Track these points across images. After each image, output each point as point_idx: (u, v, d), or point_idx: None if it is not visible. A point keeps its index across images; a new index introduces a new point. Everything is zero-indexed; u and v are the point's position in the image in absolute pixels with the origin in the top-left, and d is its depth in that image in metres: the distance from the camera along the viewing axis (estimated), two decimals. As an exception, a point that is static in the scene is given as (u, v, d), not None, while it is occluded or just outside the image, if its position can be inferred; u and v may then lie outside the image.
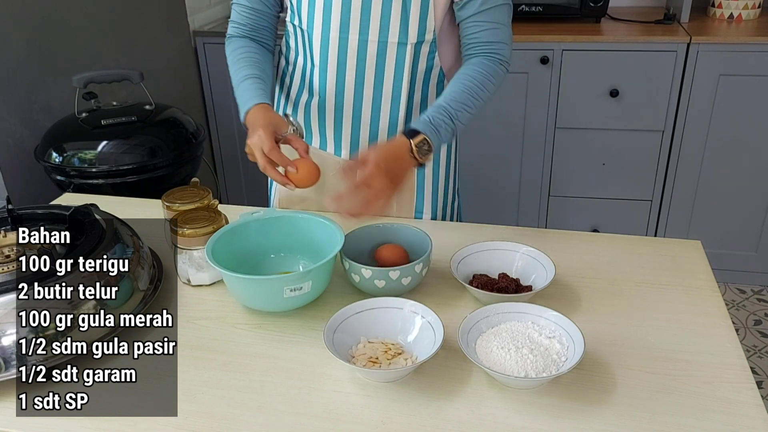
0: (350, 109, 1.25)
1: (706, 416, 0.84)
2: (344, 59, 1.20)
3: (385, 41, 1.18)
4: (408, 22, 1.17)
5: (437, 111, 1.15)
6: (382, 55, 1.20)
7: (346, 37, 1.18)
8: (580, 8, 2.45)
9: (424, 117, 1.14)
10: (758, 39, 2.22)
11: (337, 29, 1.18)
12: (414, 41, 1.19)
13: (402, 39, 1.18)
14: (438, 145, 1.13)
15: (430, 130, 1.12)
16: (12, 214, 1.14)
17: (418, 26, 1.18)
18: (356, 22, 1.17)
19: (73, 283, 0.96)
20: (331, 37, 1.19)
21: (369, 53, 1.19)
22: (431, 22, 1.19)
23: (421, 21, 1.17)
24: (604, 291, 1.09)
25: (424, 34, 1.19)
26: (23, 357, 0.91)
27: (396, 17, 1.16)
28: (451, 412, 0.86)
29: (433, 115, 1.14)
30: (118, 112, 1.91)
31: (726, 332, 0.99)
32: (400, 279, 1.04)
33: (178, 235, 1.10)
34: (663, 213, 2.54)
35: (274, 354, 0.98)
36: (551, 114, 2.45)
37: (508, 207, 2.65)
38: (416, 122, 1.13)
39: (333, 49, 1.20)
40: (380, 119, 1.27)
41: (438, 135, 1.12)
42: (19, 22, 1.86)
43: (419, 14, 1.17)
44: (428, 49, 1.22)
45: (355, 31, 1.18)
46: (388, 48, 1.19)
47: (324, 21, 1.19)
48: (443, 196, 1.39)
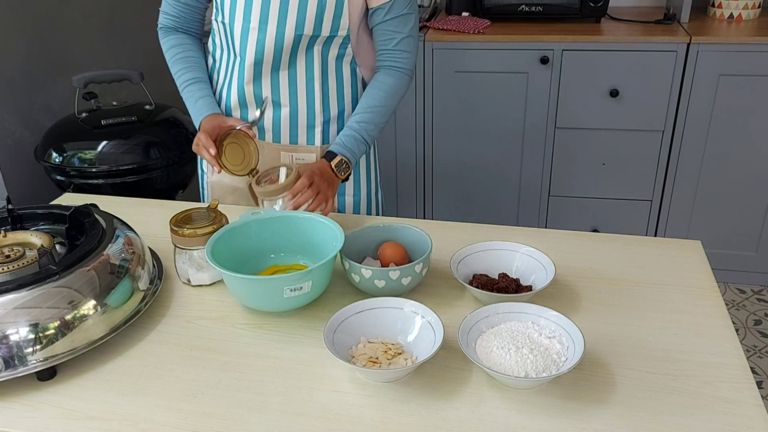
0: (268, 93, 1.35)
1: (706, 416, 0.84)
2: (261, 49, 1.29)
3: (300, 35, 1.28)
4: (323, 19, 1.27)
5: (349, 135, 1.34)
6: (296, 44, 1.30)
7: (264, 29, 1.27)
8: (580, 8, 2.46)
9: (339, 140, 1.34)
10: (758, 39, 2.22)
11: (257, 22, 1.27)
12: (327, 35, 1.30)
13: (316, 32, 1.29)
14: (355, 161, 1.34)
15: (346, 151, 1.32)
16: (12, 214, 1.14)
17: (332, 23, 1.28)
18: (274, 17, 1.26)
19: (73, 283, 0.96)
20: (251, 28, 1.28)
21: (285, 44, 1.29)
22: (345, 20, 1.29)
23: (335, 18, 1.28)
24: (604, 291, 1.09)
25: (338, 30, 1.30)
26: (23, 357, 0.91)
27: (311, 14, 1.26)
28: (451, 412, 0.86)
29: (345, 139, 1.34)
30: (118, 112, 1.91)
31: (726, 332, 0.99)
32: (400, 279, 1.04)
33: (178, 235, 1.10)
34: (663, 213, 2.54)
35: (274, 354, 0.98)
36: (551, 114, 2.45)
37: (508, 207, 2.65)
38: (333, 146, 1.33)
39: (252, 40, 1.29)
40: (298, 104, 1.37)
41: (353, 153, 1.34)
42: (19, 22, 1.86)
43: (333, 12, 1.27)
44: (341, 41, 1.33)
45: (273, 24, 1.27)
46: (302, 39, 1.29)
47: (245, 14, 1.28)
48: (366, 183, 1.51)
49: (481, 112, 2.47)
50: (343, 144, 1.34)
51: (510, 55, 2.37)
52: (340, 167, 1.31)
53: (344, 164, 1.31)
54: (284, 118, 1.38)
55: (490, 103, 2.45)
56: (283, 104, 1.37)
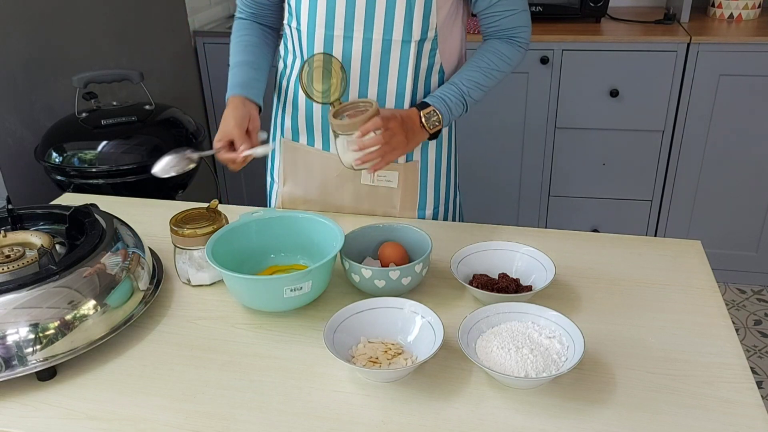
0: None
1: (706, 416, 0.84)
2: (348, 59, 1.21)
3: (389, 39, 1.19)
4: (412, 20, 1.18)
5: (449, 87, 1.22)
6: (386, 53, 1.20)
7: (350, 36, 1.19)
8: (580, 8, 2.46)
9: (439, 92, 1.22)
10: (758, 39, 2.22)
11: (342, 28, 1.19)
12: (417, 39, 1.20)
13: (406, 37, 1.19)
14: (448, 118, 1.21)
15: (441, 103, 1.20)
16: (12, 214, 1.14)
17: (421, 24, 1.19)
18: (360, 21, 1.18)
19: (73, 283, 0.96)
20: (335, 36, 1.20)
21: (374, 51, 1.20)
22: (434, 19, 1.19)
23: (424, 18, 1.18)
24: (604, 291, 1.09)
25: (427, 32, 1.20)
26: (23, 357, 0.91)
27: (400, 15, 1.17)
28: (451, 412, 0.86)
29: (444, 90, 1.22)
30: (118, 112, 1.91)
31: (726, 332, 0.99)
32: (400, 279, 1.04)
33: (178, 235, 1.10)
34: (663, 213, 2.54)
35: (274, 354, 0.98)
36: (551, 114, 2.45)
37: (508, 207, 2.65)
38: (428, 97, 1.21)
39: (336, 49, 1.21)
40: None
41: (448, 109, 1.21)
42: (19, 22, 1.86)
43: (423, 12, 1.18)
44: (430, 47, 1.23)
45: (359, 29, 1.18)
46: (392, 46, 1.20)
47: (327, 22, 1.19)
48: (445, 192, 1.40)
49: (481, 112, 2.47)
50: (441, 97, 1.20)
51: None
52: (429, 119, 1.19)
53: (436, 118, 1.19)
54: None
55: (490, 103, 2.45)
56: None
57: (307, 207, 1.39)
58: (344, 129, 1.14)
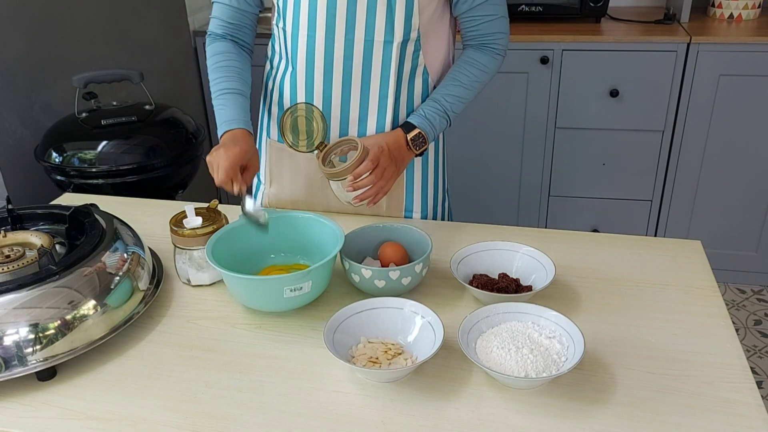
0: (338, 110, 1.25)
1: (706, 416, 0.84)
2: (331, 60, 1.21)
3: (371, 40, 1.19)
4: (394, 21, 1.18)
5: (432, 105, 1.24)
6: (368, 54, 1.20)
7: (332, 37, 1.19)
8: (580, 8, 2.46)
9: (421, 111, 1.23)
10: (758, 39, 2.22)
11: (323, 29, 1.19)
12: (400, 40, 1.20)
13: (388, 38, 1.19)
14: (433, 136, 1.23)
15: (425, 124, 1.22)
16: (12, 214, 1.14)
17: (403, 25, 1.19)
18: (342, 22, 1.18)
19: (73, 283, 0.96)
20: (317, 37, 1.20)
21: (356, 52, 1.20)
22: (416, 20, 1.19)
23: (406, 19, 1.18)
24: (604, 291, 1.09)
25: (410, 33, 1.20)
26: (23, 357, 0.91)
27: (381, 16, 1.17)
28: (451, 412, 0.86)
29: (427, 109, 1.23)
30: (118, 112, 1.91)
31: (726, 332, 0.99)
32: (400, 279, 1.04)
33: (178, 235, 1.10)
34: (663, 213, 2.54)
35: (274, 354, 0.98)
36: (551, 114, 2.45)
37: (508, 207, 2.65)
38: (412, 116, 1.23)
39: (319, 50, 1.21)
40: (368, 119, 1.27)
41: (432, 128, 1.23)
42: (19, 22, 1.86)
43: (404, 12, 1.18)
44: (413, 48, 1.23)
45: (341, 30, 1.18)
46: (375, 47, 1.20)
47: (309, 22, 1.19)
48: (433, 195, 1.40)
49: (481, 112, 2.47)
50: (425, 116, 1.22)
51: (510, 54, 2.36)
52: (416, 141, 1.20)
53: (421, 139, 1.21)
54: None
55: (490, 103, 2.45)
56: (351, 123, 1.26)
57: (293, 208, 1.39)
58: (336, 176, 1.16)
